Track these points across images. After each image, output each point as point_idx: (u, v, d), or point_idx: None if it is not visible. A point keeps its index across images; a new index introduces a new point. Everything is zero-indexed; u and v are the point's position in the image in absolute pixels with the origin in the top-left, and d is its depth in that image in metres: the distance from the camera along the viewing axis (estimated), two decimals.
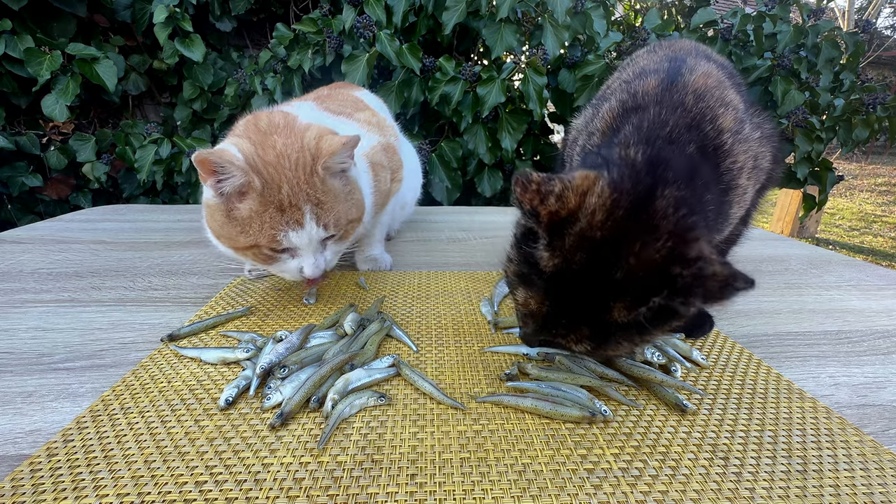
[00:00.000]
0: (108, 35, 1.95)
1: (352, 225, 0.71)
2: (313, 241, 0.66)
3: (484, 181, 1.84)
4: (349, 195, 0.69)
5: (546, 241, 0.45)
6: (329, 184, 0.66)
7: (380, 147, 0.85)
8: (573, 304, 0.44)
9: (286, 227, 0.63)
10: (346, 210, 0.68)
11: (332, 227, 0.66)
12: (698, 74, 0.55)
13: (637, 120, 0.51)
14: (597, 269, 0.42)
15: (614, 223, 0.42)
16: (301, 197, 0.63)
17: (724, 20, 1.83)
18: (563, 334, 0.46)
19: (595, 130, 0.57)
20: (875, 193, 5.86)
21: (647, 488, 0.40)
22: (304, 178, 0.63)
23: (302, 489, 0.39)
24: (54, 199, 1.92)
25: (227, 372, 0.56)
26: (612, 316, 0.42)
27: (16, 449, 0.44)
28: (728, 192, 0.51)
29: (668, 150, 0.47)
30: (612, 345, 0.45)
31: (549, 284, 0.45)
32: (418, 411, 0.50)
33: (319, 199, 0.64)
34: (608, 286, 0.42)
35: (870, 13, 8.85)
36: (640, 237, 0.40)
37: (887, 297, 0.87)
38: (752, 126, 0.55)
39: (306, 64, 1.74)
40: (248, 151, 0.63)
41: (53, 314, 0.69)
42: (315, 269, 0.68)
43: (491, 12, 1.67)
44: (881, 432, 0.50)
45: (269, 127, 0.68)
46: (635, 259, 0.40)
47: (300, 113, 0.81)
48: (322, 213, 0.65)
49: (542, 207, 0.44)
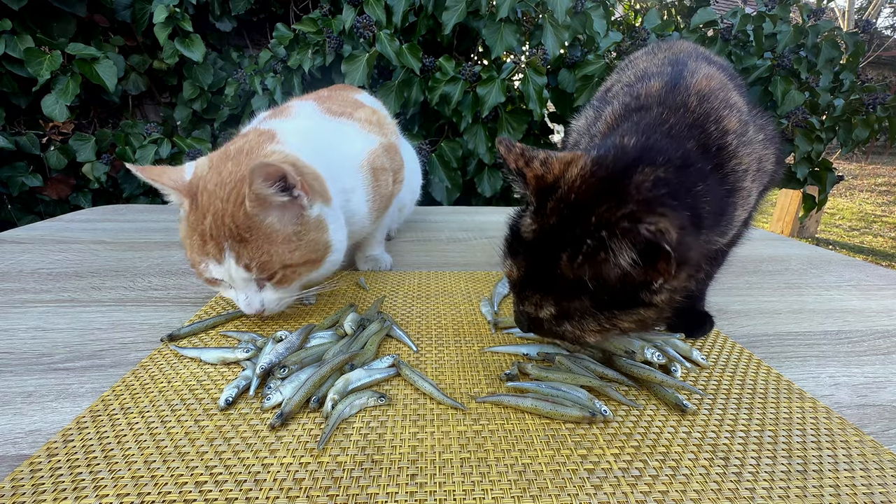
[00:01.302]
0: (108, 35, 1.95)
1: (294, 270, 0.62)
2: (236, 280, 0.61)
3: (484, 181, 1.84)
4: (296, 236, 0.61)
5: (534, 206, 0.46)
6: (257, 220, 0.59)
7: (381, 149, 0.83)
8: (540, 267, 0.45)
9: (207, 258, 0.60)
10: (283, 252, 0.60)
11: (257, 270, 0.59)
12: (701, 76, 0.55)
13: (637, 117, 0.51)
14: (563, 229, 0.43)
15: (588, 187, 0.43)
16: (223, 231, 0.58)
17: (723, 20, 1.83)
18: (529, 297, 0.47)
19: (597, 133, 0.58)
20: (875, 193, 5.86)
21: (648, 488, 0.40)
22: (231, 210, 0.58)
23: (302, 489, 0.39)
24: (54, 199, 1.92)
25: (227, 372, 0.56)
26: (560, 267, 0.43)
27: (16, 449, 0.44)
28: (733, 193, 0.51)
29: (665, 141, 0.47)
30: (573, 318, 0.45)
31: (526, 250, 0.47)
32: (418, 411, 0.50)
33: (242, 237, 0.58)
34: (564, 242, 0.43)
35: (870, 13, 8.85)
36: (609, 202, 0.41)
37: (887, 297, 0.87)
38: (756, 128, 0.55)
39: (306, 64, 1.74)
40: (199, 173, 0.62)
41: (53, 314, 0.69)
42: (248, 307, 0.62)
43: (491, 12, 1.67)
44: (881, 432, 0.50)
45: (236, 151, 0.64)
46: (596, 218, 0.41)
47: (301, 112, 0.81)
48: (244, 251, 0.58)
49: (528, 170, 0.46)
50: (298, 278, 0.64)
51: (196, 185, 0.61)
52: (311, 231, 0.63)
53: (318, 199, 0.64)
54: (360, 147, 0.79)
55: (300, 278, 0.64)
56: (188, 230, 0.61)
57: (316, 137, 0.74)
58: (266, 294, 0.63)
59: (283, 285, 0.63)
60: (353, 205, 0.76)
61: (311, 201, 0.62)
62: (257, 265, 0.59)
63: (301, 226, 0.62)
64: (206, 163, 0.63)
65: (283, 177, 0.57)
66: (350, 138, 0.80)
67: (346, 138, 0.79)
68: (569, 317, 0.45)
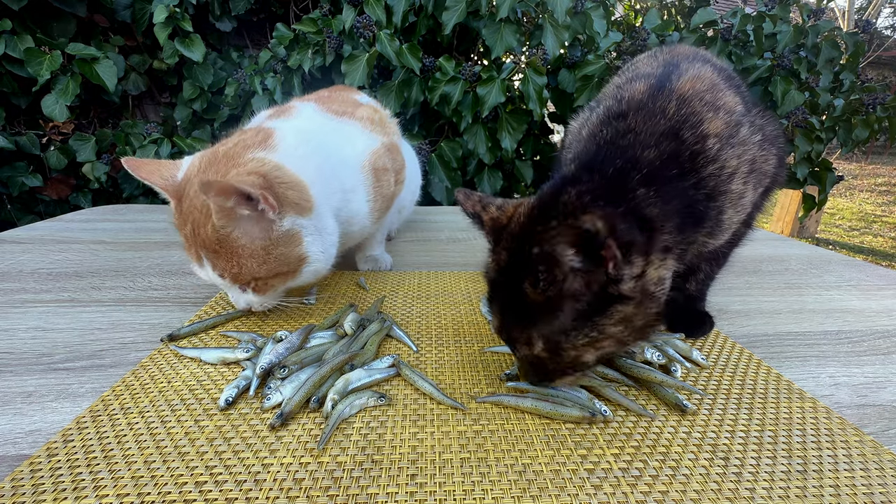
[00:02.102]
0: (108, 35, 1.95)
1: (265, 282, 0.62)
2: (218, 282, 0.63)
3: (484, 181, 1.83)
4: (263, 251, 0.59)
5: (491, 245, 0.51)
6: (225, 233, 0.58)
7: (383, 149, 0.82)
8: (511, 303, 0.48)
9: (192, 260, 0.63)
10: (252, 266, 0.59)
11: (231, 279, 0.61)
12: (686, 79, 0.54)
13: (612, 128, 0.52)
14: (515, 260, 0.47)
15: (527, 219, 0.47)
16: (198, 240, 0.59)
17: (723, 20, 1.83)
18: (517, 338, 0.48)
19: (582, 138, 0.58)
20: (875, 193, 5.86)
21: (648, 489, 0.40)
22: (203, 221, 0.58)
23: (302, 489, 0.39)
24: (54, 199, 1.92)
25: (227, 372, 0.56)
26: (529, 296, 0.44)
27: (16, 449, 0.44)
28: (715, 197, 0.51)
29: (608, 157, 0.49)
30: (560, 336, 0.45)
31: (494, 291, 0.50)
32: (418, 411, 0.50)
33: (213, 248, 0.59)
34: (520, 271, 0.45)
35: (870, 13, 8.85)
36: (541, 223, 0.44)
37: (887, 297, 0.87)
38: (752, 129, 0.55)
39: (306, 64, 1.74)
40: (189, 173, 0.62)
41: (53, 314, 0.69)
42: (238, 303, 0.65)
43: (491, 12, 1.67)
44: (881, 432, 0.50)
45: (223, 154, 0.63)
46: (535, 241, 0.43)
47: (303, 113, 0.80)
48: (217, 262, 0.60)
49: (484, 213, 0.52)
50: (273, 288, 0.64)
51: (183, 187, 0.61)
52: (280, 246, 0.60)
53: (290, 210, 0.61)
54: (362, 147, 0.79)
55: (275, 288, 0.64)
56: (178, 230, 0.63)
57: (315, 138, 0.72)
58: (249, 296, 0.64)
59: (260, 293, 0.64)
60: (354, 205, 0.75)
61: (280, 214, 0.59)
62: (230, 276, 0.60)
63: (269, 240, 0.60)
64: (198, 162, 0.63)
65: (239, 192, 0.53)
66: (351, 138, 0.79)
67: (348, 138, 0.78)
68: (558, 342, 0.45)
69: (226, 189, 0.52)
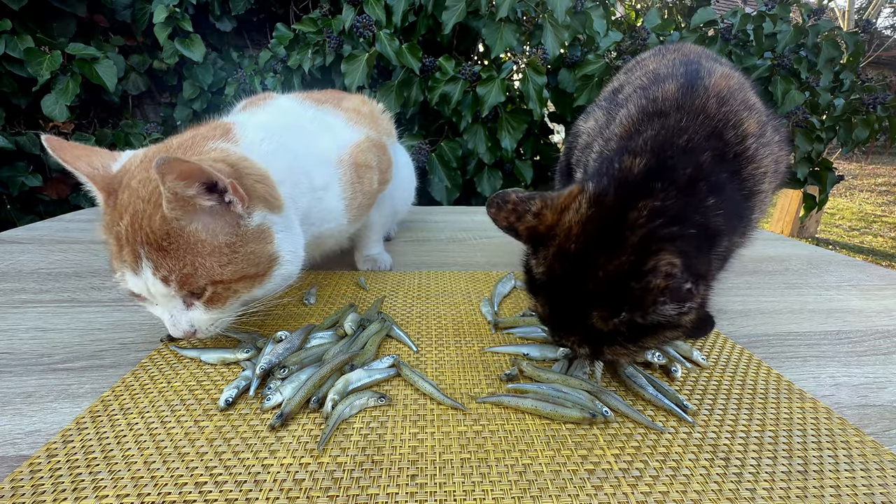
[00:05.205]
0: (108, 35, 1.95)
1: (227, 287, 0.53)
2: (156, 295, 0.52)
3: (484, 181, 1.83)
4: (228, 248, 0.52)
5: (531, 251, 0.48)
6: (178, 226, 0.50)
7: (367, 143, 0.76)
8: (564, 311, 0.47)
9: (123, 266, 0.52)
10: (212, 266, 0.51)
11: (177, 285, 0.50)
12: (718, 76, 0.53)
13: (657, 126, 0.50)
14: (574, 279, 0.44)
15: (586, 237, 0.44)
16: (139, 235, 0.49)
17: (724, 20, 1.83)
18: (566, 337, 0.48)
19: (613, 136, 0.57)
20: (875, 193, 5.86)
21: (648, 489, 0.40)
22: (150, 211, 0.49)
23: (302, 490, 0.39)
24: (54, 199, 1.92)
25: (226, 372, 0.56)
26: (594, 324, 0.44)
27: (15, 450, 0.43)
28: (751, 197, 0.50)
29: (675, 160, 0.46)
30: (607, 351, 0.46)
31: (543, 291, 0.48)
32: (418, 412, 0.50)
33: (160, 244, 0.49)
34: (585, 296, 0.44)
35: (870, 13, 8.85)
36: (606, 250, 0.42)
37: (887, 297, 0.87)
38: (773, 129, 0.54)
39: (306, 64, 1.75)
40: (128, 166, 0.54)
41: (53, 314, 0.69)
42: (174, 329, 0.53)
43: (491, 12, 1.67)
44: (882, 433, 0.50)
45: (177, 145, 0.57)
46: (602, 272, 0.42)
47: (276, 102, 0.76)
48: (163, 261, 0.50)
49: (520, 224, 0.47)
50: (235, 297, 0.54)
51: (119, 179, 0.53)
52: (250, 242, 0.53)
53: (259, 205, 0.55)
54: (343, 139, 0.74)
55: (237, 297, 0.55)
56: (105, 230, 0.53)
57: (284, 133, 0.66)
58: (195, 314, 0.54)
59: (216, 305, 0.53)
60: (326, 203, 0.70)
61: (249, 208, 0.53)
62: (177, 279, 0.50)
63: (236, 236, 0.52)
64: (141, 155, 0.56)
65: (206, 177, 0.47)
66: (331, 128, 0.74)
67: (327, 128, 0.74)
68: (603, 352, 0.47)
69: (191, 172, 0.46)
